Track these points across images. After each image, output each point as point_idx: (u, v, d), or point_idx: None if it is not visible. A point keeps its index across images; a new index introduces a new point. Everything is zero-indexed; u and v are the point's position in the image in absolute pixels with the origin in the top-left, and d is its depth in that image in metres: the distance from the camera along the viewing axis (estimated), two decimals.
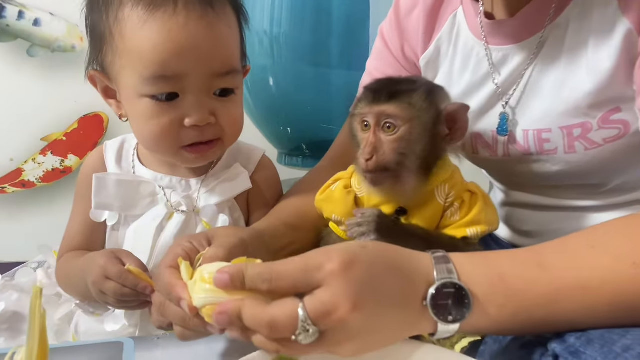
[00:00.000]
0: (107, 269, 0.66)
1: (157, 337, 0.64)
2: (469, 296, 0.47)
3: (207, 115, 0.70)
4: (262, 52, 1.38)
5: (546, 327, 0.51)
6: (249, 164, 0.83)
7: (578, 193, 0.77)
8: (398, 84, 0.64)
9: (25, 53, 1.65)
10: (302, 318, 0.43)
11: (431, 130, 0.63)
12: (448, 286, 0.47)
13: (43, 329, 0.46)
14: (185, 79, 0.68)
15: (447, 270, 0.48)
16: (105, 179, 0.76)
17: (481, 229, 0.66)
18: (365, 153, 0.62)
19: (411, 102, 0.62)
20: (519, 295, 0.49)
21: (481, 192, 0.68)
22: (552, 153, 0.72)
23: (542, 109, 0.71)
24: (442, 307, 0.47)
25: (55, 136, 1.70)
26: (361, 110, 0.64)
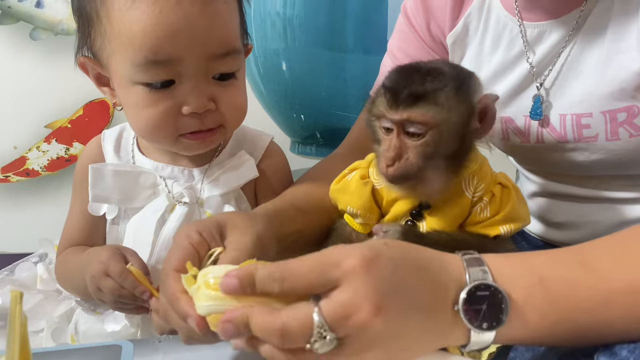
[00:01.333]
0: (109, 266, 0.64)
1: (158, 340, 0.60)
2: (506, 299, 0.42)
3: (206, 101, 0.66)
4: (274, 35, 1.34)
5: (592, 337, 0.46)
6: (255, 151, 0.79)
7: (617, 184, 0.73)
8: (422, 79, 0.55)
9: (27, 36, 1.62)
10: (318, 323, 0.38)
11: (462, 129, 0.57)
12: (482, 288, 0.42)
13: (24, 337, 0.42)
14: (180, 63, 0.63)
15: (480, 272, 0.43)
16: (102, 170, 0.72)
17: (515, 226, 0.61)
18: (386, 158, 0.56)
19: (438, 104, 0.55)
20: (562, 301, 0.44)
21: (512, 184, 0.62)
22: (591, 140, 0.67)
23: (582, 91, 0.66)
24: (476, 312, 0.42)
25: (60, 123, 1.67)
26: (380, 113, 0.57)
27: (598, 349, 0.46)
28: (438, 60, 0.59)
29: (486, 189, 0.61)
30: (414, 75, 0.55)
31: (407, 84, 0.55)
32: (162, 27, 0.61)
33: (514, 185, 0.62)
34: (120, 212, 0.74)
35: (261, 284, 0.41)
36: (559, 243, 0.82)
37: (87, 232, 0.76)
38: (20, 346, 0.42)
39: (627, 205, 0.73)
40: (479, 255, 0.45)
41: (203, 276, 0.45)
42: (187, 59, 0.64)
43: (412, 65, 0.58)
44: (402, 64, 0.59)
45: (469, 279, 0.43)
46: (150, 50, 0.62)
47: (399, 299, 0.40)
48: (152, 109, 0.66)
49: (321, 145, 1.49)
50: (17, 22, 1.60)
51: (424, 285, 0.42)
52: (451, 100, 0.55)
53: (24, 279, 0.88)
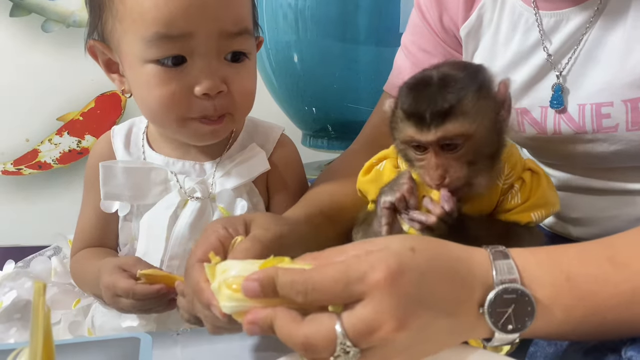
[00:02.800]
0: (115, 288, 0.63)
1: (176, 333, 0.60)
2: (533, 303, 0.42)
3: (219, 82, 0.65)
4: (286, 27, 1.33)
5: (620, 332, 0.45)
6: (267, 143, 0.78)
7: (636, 176, 0.71)
8: (441, 93, 0.53)
9: (39, 28, 1.61)
10: (341, 339, 0.38)
11: (494, 125, 0.56)
12: (509, 291, 0.41)
13: (48, 328, 0.42)
14: (192, 39, 0.63)
15: (507, 271, 0.43)
16: (113, 168, 0.72)
17: (545, 212, 0.60)
18: (434, 178, 0.55)
19: (467, 112, 0.53)
20: (589, 297, 0.43)
21: (542, 170, 0.62)
22: (611, 130, 0.65)
23: (603, 80, 0.65)
24: (501, 314, 0.41)
25: (72, 116, 1.67)
26: (409, 138, 0.55)
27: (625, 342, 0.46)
28: (442, 63, 0.57)
29: (516, 176, 0.60)
30: (431, 91, 0.54)
31: (430, 103, 0.53)
32: (175, 2, 0.61)
33: (543, 171, 0.61)
34: (132, 209, 0.74)
35: (283, 291, 0.40)
36: (577, 239, 0.81)
37: (100, 230, 0.76)
38: (44, 338, 0.41)
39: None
40: (506, 250, 0.44)
41: (222, 272, 0.45)
42: (199, 35, 0.63)
43: (421, 79, 0.56)
44: (410, 81, 0.57)
45: (495, 277, 0.42)
46: (163, 24, 0.62)
47: (423, 311, 0.40)
48: (163, 87, 0.65)
49: (333, 138, 1.48)
50: (29, 14, 1.59)
51: (450, 291, 0.41)
52: (477, 103, 0.54)
53: (38, 272, 0.89)
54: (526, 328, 0.42)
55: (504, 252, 0.44)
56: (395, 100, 0.58)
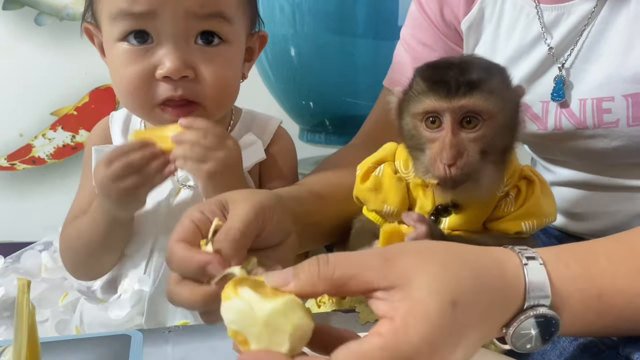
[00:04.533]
0: (108, 162, 0.62)
1: (167, 330, 0.59)
2: (559, 326, 0.39)
3: (183, 66, 0.63)
4: (283, 20, 1.32)
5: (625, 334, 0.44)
6: (264, 135, 0.77)
7: (637, 172, 0.71)
8: (469, 69, 0.52)
9: (32, 21, 1.59)
10: None
11: (513, 121, 0.55)
12: (538, 316, 0.39)
13: (33, 325, 0.41)
14: (156, 18, 0.61)
15: (541, 292, 0.39)
16: (105, 152, 0.70)
17: (537, 222, 0.58)
18: (447, 157, 0.52)
19: (493, 91, 0.52)
20: (615, 311, 0.42)
21: (539, 177, 0.60)
22: (612, 126, 0.65)
23: (604, 75, 0.64)
24: (524, 336, 0.39)
25: (66, 110, 1.65)
26: (427, 108, 0.53)
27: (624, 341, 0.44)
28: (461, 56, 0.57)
29: (512, 184, 0.59)
30: (455, 66, 0.52)
31: (458, 73, 0.51)
32: None
33: (541, 178, 0.60)
34: None
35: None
36: (578, 234, 0.80)
37: None
38: (29, 336, 0.40)
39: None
40: (542, 264, 0.40)
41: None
42: (163, 14, 0.62)
43: (441, 60, 0.55)
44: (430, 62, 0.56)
45: (527, 301, 0.39)
46: (125, 1, 0.61)
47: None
48: (129, 67, 0.64)
49: (330, 133, 1.46)
50: (21, 7, 1.57)
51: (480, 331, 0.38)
52: (503, 90, 0.53)
53: (29, 268, 0.86)
54: (544, 346, 0.40)
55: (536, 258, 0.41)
56: (408, 84, 0.56)
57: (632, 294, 0.41)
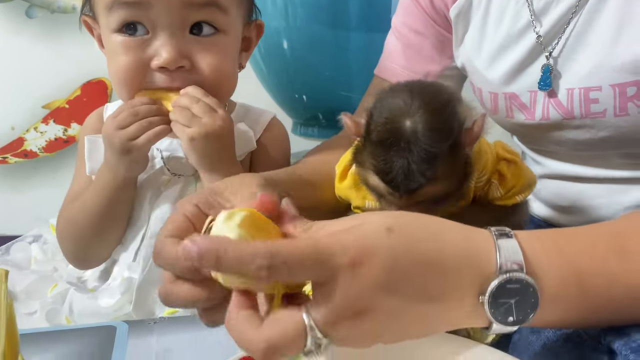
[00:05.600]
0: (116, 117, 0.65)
1: (153, 322, 0.59)
2: (537, 295, 0.39)
3: (178, 56, 0.64)
4: (275, 12, 1.31)
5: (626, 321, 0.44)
6: (256, 126, 0.77)
7: (622, 163, 0.70)
8: (415, 163, 0.49)
9: (23, 14, 1.58)
10: (312, 332, 0.35)
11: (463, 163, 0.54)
12: (513, 281, 0.39)
13: (11, 316, 0.41)
14: (151, 8, 0.62)
15: (512, 257, 0.39)
16: (98, 142, 0.71)
17: (528, 192, 0.60)
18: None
19: (438, 177, 0.51)
20: (596, 294, 0.41)
21: (515, 154, 0.60)
22: (599, 116, 0.64)
23: (592, 64, 0.63)
24: (502, 305, 0.39)
25: (58, 103, 1.64)
26: (380, 192, 0.53)
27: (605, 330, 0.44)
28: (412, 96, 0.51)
29: (491, 171, 0.58)
30: (403, 159, 0.49)
31: (404, 177, 0.50)
32: None
33: (516, 154, 0.60)
34: None
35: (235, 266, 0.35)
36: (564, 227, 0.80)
37: None
38: (7, 326, 0.40)
39: (633, 185, 0.71)
40: (512, 234, 0.41)
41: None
42: (157, 4, 0.62)
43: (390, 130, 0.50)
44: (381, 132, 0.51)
45: (499, 266, 0.39)
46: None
47: (391, 297, 0.37)
48: (123, 57, 0.65)
49: (324, 127, 1.46)
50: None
51: (430, 277, 0.38)
52: (449, 165, 0.51)
53: (18, 260, 0.86)
54: (528, 321, 0.40)
55: (509, 234, 0.41)
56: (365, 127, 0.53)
57: (612, 275, 0.41)
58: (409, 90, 0.52)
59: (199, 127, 0.63)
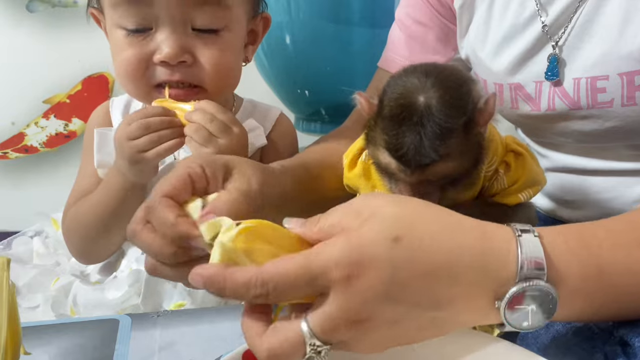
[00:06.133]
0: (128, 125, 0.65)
1: (156, 315, 0.59)
2: (556, 302, 0.38)
3: (180, 51, 0.65)
4: (278, 7, 1.30)
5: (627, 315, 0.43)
6: (265, 122, 0.78)
7: (632, 154, 0.69)
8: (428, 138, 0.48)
9: (24, 8, 1.58)
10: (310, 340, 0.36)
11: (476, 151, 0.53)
12: (532, 289, 0.37)
13: (13, 303, 0.40)
14: (153, 6, 0.62)
15: (534, 256, 0.38)
16: (107, 135, 0.72)
17: (533, 191, 0.58)
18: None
19: (451, 155, 0.50)
20: (616, 287, 0.40)
21: (524, 147, 0.59)
22: (606, 106, 0.64)
23: (599, 52, 0.63)
24: (519, 311, 0.38)
25: (59, 98, 1.64)
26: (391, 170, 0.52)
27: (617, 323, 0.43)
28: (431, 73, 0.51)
29: (499, 160, 0.58)
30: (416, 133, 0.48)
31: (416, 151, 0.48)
32: None
33: (526, 148, 0.59)
34: None
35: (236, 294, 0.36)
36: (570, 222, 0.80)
37: None
38: (9, 314, 0.39)
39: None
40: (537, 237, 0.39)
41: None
42: (160, 2, 0.62)
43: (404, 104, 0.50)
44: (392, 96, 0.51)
45: (520, 266, 0.37)
46: None
47: (392, 307, 0.36)
48: (126, 52, 0.65)
49: (326, 122, 1.45)
50: None
51: (439, 287, 0.37)
52: (462, 142, 0.50)
53: (20, 254, 0.85)
54: (543, 324, 0.38)
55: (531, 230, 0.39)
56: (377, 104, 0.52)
57: (633, 266, 0.40)
58: (424, 69, 0.51)
59: (216, 148, 0.62)
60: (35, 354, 0.50)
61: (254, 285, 0.35)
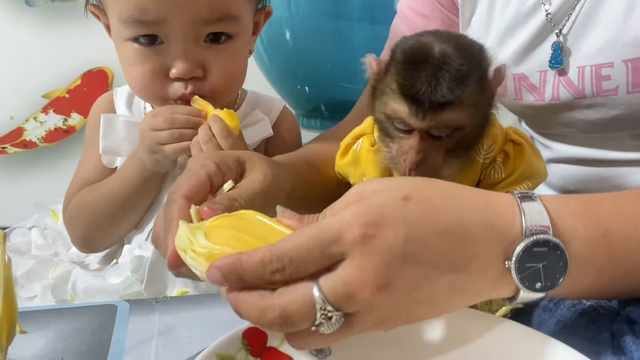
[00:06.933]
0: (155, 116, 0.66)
1: (155, 301, 0.58)
2: (566, 258, 0.37)
3: (194, 67, 0.65)
4: (277, 3, 1.30)
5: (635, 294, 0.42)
6: (270, 114, 0.78)
7: (637, 144, 0.69)
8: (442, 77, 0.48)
9: (23, 2, 1.57)
10: (321, 303, 0.34)
11: (485, 113, 0.53)
12: (540, 244, 0.37)
13: (9, 278, 0.40)
14: (166, 24, 0.62)
15: (538, 219, 0.37)
16: (114, 120, 0.73)
17: (532, 183, 0.57)
18: (410, 162, 0.51)
19: (465, 104, 0.49)
20: (625, 258, 0.39)
21: (524, 138, 0.59)
22: (611, 94, 0.63)
23: (603, 39, 0.63)
24: (530, 269, 0.37)
25: (58, 93, 1.63)
26: (398, 117, 0.51)
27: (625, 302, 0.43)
28: (442, 35, 0.51)
29: (498, 149, 0.57)
30: (432, 72, 0.48)
31: (430, 89, 0.48)
32: None
33: (527, 139, 0.59)
34: None
35: (254, 275, 0.35)
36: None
37: (101, 180, 0.75)
38: (5, 288, 0.39)
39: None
40: (536, 197, 0.39)
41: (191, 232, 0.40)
42: (173, 21, 0.63)
43: (420, 51, 0.50)
44: (407, 49, 0.51)
45: (524, 228, 0.37)
46: (136, 9, 0.62)
47: (412, 268, 0.35)
48: (140, 67, 0.66)
49: (326, 119, 1.46)
50: None
51: (451, 246, 0.36)
52: (476, 94, 0.50)
53: (18, 245, 0.85)
54: (556, 286, 0.38)
55: (533, 197, 0.39)
56: (387, 63, 0.53)
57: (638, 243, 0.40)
58: (435, 31, 0.53)
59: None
60: (32, 336, 0.50)
61: (270, 261, 0.34)
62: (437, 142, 0.51)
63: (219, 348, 0.40)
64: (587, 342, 0.42)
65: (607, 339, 0.42)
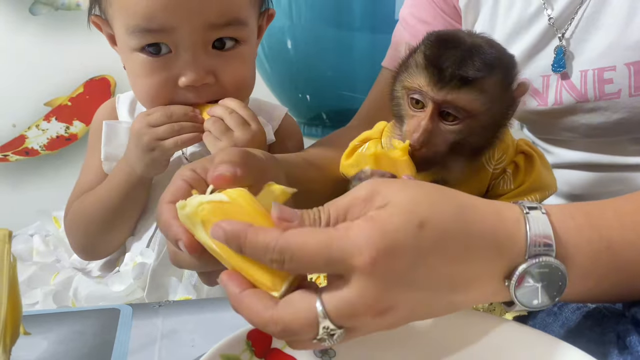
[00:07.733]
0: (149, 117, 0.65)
1: (158, 305, 0.58)
2: (566, 279, 0.37)
3: (204, 74, 0.65)
4: (279, 11, 1.31)
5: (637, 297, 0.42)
6: (272, 121, 0.78)
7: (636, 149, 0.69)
8: (472, 60, 0.49)
9: (27, 11, 1.57)
10: (324, 322, 0.34)
11: (499, 119, 0.53)
12: (542, 265, 0.37)
13: (14, 277, 0.39)
14: (174, 32, 0.62)
15: (543, 233, 0.37)
16: (116, 127, 0.72)
17: (540, 195, 0.57)
18: (415, 141, 0.51)
19: (485, 91, 0.50)
20: (626, 266, 0.39)
21: (536, 150, 0.58)
22: (614, 97, 0.64)
23: (605, 43, 0.63)
24: (529, 288, 0.37)
25: (60, 101, 1.63)
26: (417, 87, 0.51)
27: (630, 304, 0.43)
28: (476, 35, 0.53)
29: (509, 160, 0.58)
30: (461, 51, 0.50)
31: (456, 63, 0.49)
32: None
33: (538, 151, 0.59)
34: None
35: (253, 253, 0.36)
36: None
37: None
38: (10, 289, 0.39)
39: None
40: (545, 214, 0.39)
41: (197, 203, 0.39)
42: (182, 29, 0.62)
43: (454, 37, 0.52)
44: (441, 33, 0.54)
45: (528, 244, 0.37)
46: (143, 18, 0.61)
47: (414, 293, 0.36)
48: (149, 78, 0.65)
49: (327, 127, 1.46)
50: None
51: (457, 271, 0.36)
52: (498, 89, 0.51)
53: (20, 251, 0.84)
54: (553, 302, 0.38)
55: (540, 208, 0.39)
56: (417, 46, 0.55)
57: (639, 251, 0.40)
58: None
59: (229, 141, 0.63)
60: (35, 340, 0.50)
61: (272, 250, 0.34)
62: (445, 126, 0.51)
63: (223, 349, 0.40)
64: (593, 343, 0.42)
65: (612, 339, 0.42)
